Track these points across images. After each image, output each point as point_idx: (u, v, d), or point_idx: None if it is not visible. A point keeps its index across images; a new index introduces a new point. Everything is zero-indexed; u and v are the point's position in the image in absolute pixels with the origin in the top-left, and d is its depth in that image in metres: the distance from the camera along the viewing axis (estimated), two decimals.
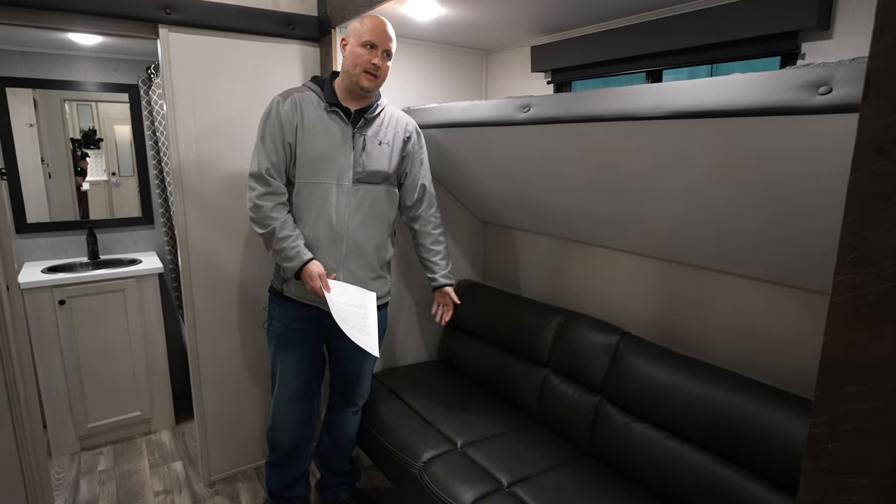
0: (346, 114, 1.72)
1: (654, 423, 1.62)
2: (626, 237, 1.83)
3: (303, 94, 1.72)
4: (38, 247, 2.76)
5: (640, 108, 1.20)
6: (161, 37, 1.93)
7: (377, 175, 1.77)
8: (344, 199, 1.72)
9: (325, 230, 1.72)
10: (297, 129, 1.68)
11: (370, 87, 1.69)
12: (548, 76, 2.16)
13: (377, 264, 1.84)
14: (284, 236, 1.66)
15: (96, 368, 2.56)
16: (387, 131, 1.80)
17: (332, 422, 2.03)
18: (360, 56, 1.65)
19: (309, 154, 1.69)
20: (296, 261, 1.65)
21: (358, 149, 1.73)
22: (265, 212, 1.66)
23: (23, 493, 1.96)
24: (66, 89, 2.78)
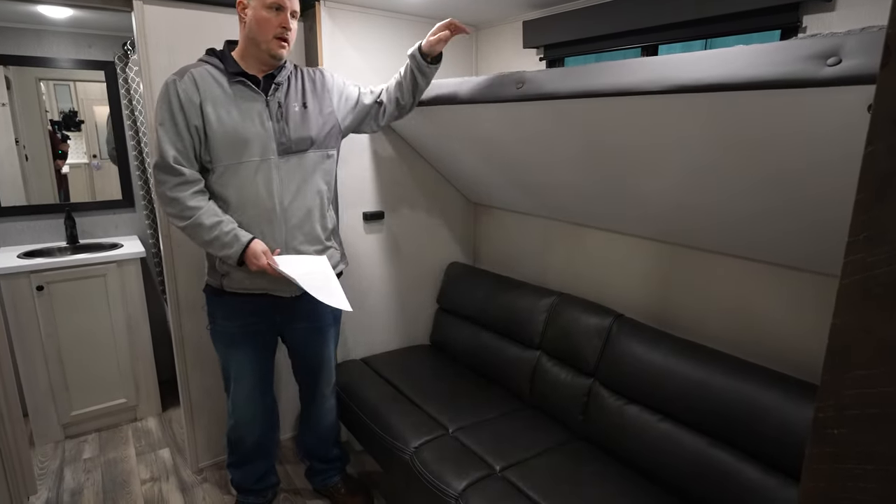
0: (255, 82, 1.57)
1: (648, 405, 1.60)
2: (621, 218, 1.79)
3: (200, 68, 1.54)
4: (15, 231, 2.67)
5: (638, 83, 1.15)
6: (135, 9, 1.84)
7: (304, 141, 1.62)
8: (273, 173, 1.58)
9: (258, 211, 1.58)
10: (201, 108, 1.51)
11: (284, 54, 1.54)
12: (540, 52, 2.10)
13: (322, 236, 1.71)
14: (214, 223, 1.51)
15: (79, 355, 2.50)
16: (300, 93, 1.65)
17: (307, 413, 1.98)
18: (268, 21, 1.49)
19: (221, 133, 1.53)
20: (235, 245, 1.51)
21: (276, 117, 1.58)
22: (183, 203, 1.51)
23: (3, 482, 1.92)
24: (38, 66, 2.66)
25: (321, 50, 2.04)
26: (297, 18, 1.55)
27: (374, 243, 2.35)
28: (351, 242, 2.28)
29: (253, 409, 1.84)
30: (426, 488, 1.59)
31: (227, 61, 1.57)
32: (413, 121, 2.08)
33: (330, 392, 1.95)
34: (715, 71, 1.01)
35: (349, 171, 2.21)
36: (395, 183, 2.35)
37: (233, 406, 1.83)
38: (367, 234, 2.33)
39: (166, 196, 1.52)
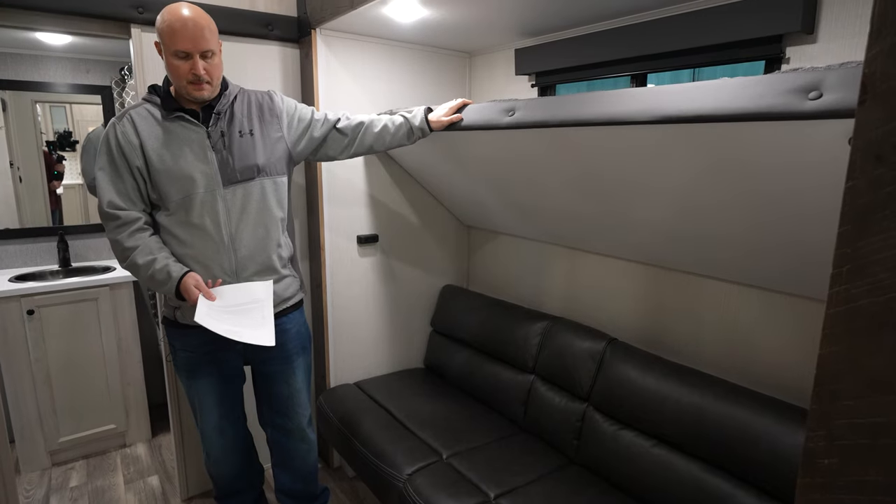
0: (193, 115, 1.54)
1: (643, 430, 1.60)
2: (614, 242, 1.81)
3: (137, 109, 1.53)
4: (7, 254, 2.66)
5: (627, 113, 1.17)
6: (133, 37, 1.87)
7: (250, 170, 1.58)
8: (219, 205, 1.54)
9: (209, 244, 1.55)
10: (141, 149, 1.49)
11: (201, 96, 1.49)
12: (532, 79, 2.14)
13: (277, 265, 1.66)
14: (147, 261, 1.48)
15: (68, 381, 2.46)
16: (245, 119, 1.60)
17: (285, 454, 1.84)
18: (178, 68, 1.44)
19: (164, 172, 1.50)
20: (169, 282, 1.47)
21: (219, 148, 1.55)
22: (122, 244, 1.49)
23: None
24: (36, 90, 2.68)
25: (316, 77, 2.07)
26: (215, 56, 1.48)
27: (367, 266, 2.36)
28: (344, 265, 2.28)
29: (223, 441, 1.76)
30: None
31: (166, 99, 1.53)
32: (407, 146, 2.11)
33: (307, 426, 1.83)
34: (701, 103, 1.03)
35: (343, 195, 2.23)
36: (388, 206, 2.37)
37: (203, 439, 1.76)
38: (361, 256, 2.33)
39: (109, 240, 1.52)
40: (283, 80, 2.16)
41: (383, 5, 1.72)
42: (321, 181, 2.15)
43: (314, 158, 1.81)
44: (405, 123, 1.75)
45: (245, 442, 1.86)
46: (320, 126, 1.73)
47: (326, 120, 1.74)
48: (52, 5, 1.72)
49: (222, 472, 1.82)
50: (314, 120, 1.73)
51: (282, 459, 1.85)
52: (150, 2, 1.85)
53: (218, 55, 1.50)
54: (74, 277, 2.53)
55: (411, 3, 1.69)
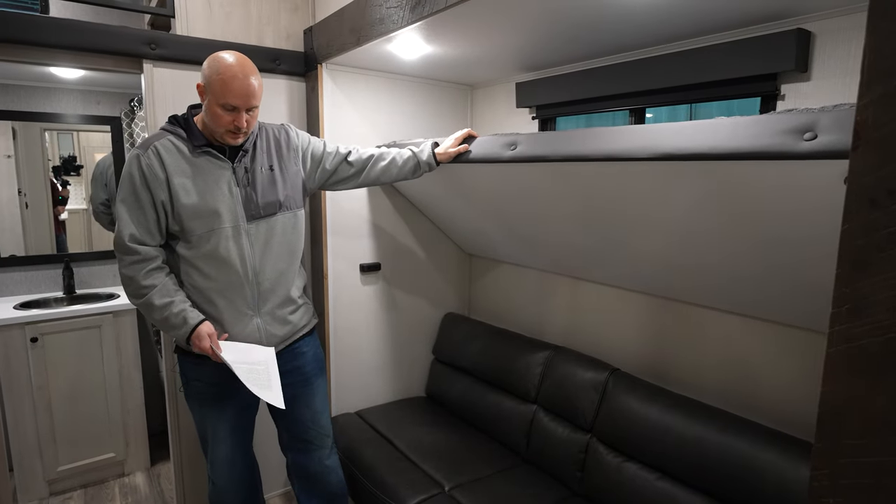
0: (221, 151, 1.56)
1: (646, 463, 1.59)
2: (615, 272, 1.82)
3: (163, 141, 1.52)
4: (12, 281, 2.68)
5: (626, 149, 1.20)
6: (145, 71, 1.92)
7: (271, 206, 1.61)
8: (243, 240, 1.57)
9: (231, 278, 1.56)
10: (167, 182, 1.49)
11: (235, 143, 1.53)
12: (532, 112, 2.19)
13: (295, 296, 1.70)
14: (164, 304, 1.48)
15: (69, 409, 2.45)
16: (266, 155, 1.64)
17: (311, 478, 1.82)
18: (221, 118, 1.47)
19: (190, 206, 1.50)
20: (183, 328, 1.48)
21: (243, 184, 1.58)
22: (137, 281, 1.48)
23: None
24: (47, 122, 2.74)
25: (322, 109, 2.12)
26: (257, 108, 1.52)
27: (370, 294, 2.37)
28: (347, 293, 2.29)
29: (233, 472, 1.75)
30: None
31: (192, 133, 1.54)
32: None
33: (326, 445, 1.83)
34: (699, 141, 1.06)
35: (346, 223, 2.25)
36: (391, 235, 2.39)
37: (212, 469, 1.75)
38: (364, 284, 2.35)
39: (122, 274, 1.50)
40: (289, 112, 2.21)
41: (388, 42, 1.77)
42: (325, 210, 2.18)
43: (323, 189, 1.85)
44: (412, 158, 1.79)
45: (253, 473, 1.84)
46: (332, 158, 1.78)
47: (338, 153, 1.79)
48: (69, 43, 1.77)
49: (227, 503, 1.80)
50: (326, 153, 1.77)
51: (308, 485, 1.82)
52: (161, 38, 1.91)
53: (259, 106, 1.52)
54: (79, 305, 2.55)
55: (415, 40, 1.74)
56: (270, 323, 1.64)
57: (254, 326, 1.61)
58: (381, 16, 1.66)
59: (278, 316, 1.65)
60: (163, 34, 1.94)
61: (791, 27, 1.35)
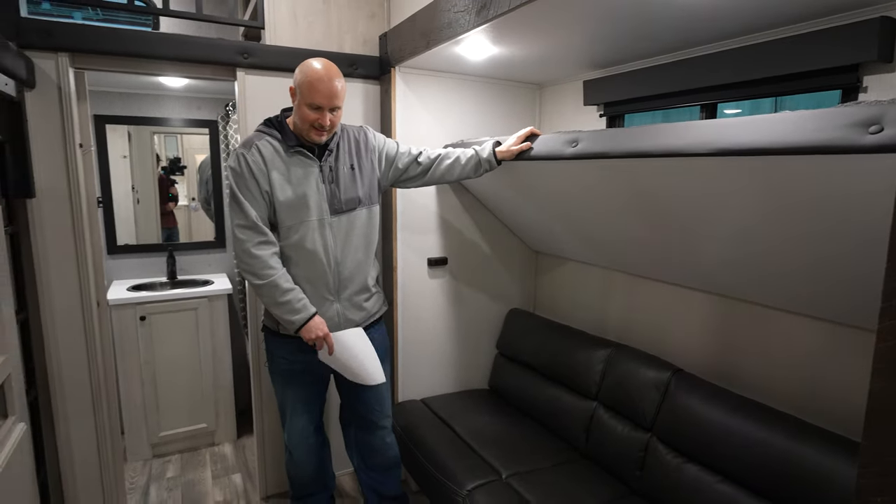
0: (310, 150, 1.73)
1: (708, 465, 1.56)
2: (679, 271, 1.79)
3: (263, 141, 1.70)
4: (126, 266, 3.04)
5: (687, 145, 1.20)
6: (238, 78, 2.13)
7: (352, 201, 1.78)
8: (327, 231, 1.73)
9: (315, 266, 1.73)
10: (268, 177, 1.67)
11: (320, 141, 1.70)
12: (600, 109, 2.18)
13: (370, 284, 1.86)
14: (288, 289, 1.66)
15: (169, 381, 2.76)
16: (348, 155, 1.80)
17: (366, 450, 2.00)
18: (308, 115, 1.64)
19: (285, 198, 1.69)
20: (303, 313, 1.66)
21: (328, 181, 1.74)
22: (264, 261, 1.64)
23: (100, 493, 2.14)
24: (156, 125, 3.08)
25: (394, 110, 2.23)
26: (340, 109, 1.69)
27: (436, 288, 2.46)
28: (415, 285, 2.40)
29: (306, 444, 1.94)
30: None
31: (286, 133, 1.72)
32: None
33: (387, 425, 1.98)
34: (760, 136, 1.05)
35: (415, 219, 2.36)
36: (459, 231, 2.47)
37: (289, 439, 1.94)
38: (431, 278, 2.44)
39: (250, 252, 1.64)
40: (364, 113, 2.35)
41: (456, 45, 1.84)
42: (396, 206, 2.30)
43: (394, 186, 2.00)
44: (474, 156, 1.88)
45: (325, 446, 2.02)
46: (404, 158, 1.92)
47: (409, 153, 1.93)
48: (175, 55, 2.00)
49: (302, 473, 1.98)
50: (399, 153, 1.92)
51: (367, 456, 1.99)
52: (252, 48, 2.11)
53: (342, 109, 1.70)
54: (180, 289, 2.85)
55: (481, 42, 1.81)
56: (348, 308, 1.80)
57: (334, 311, 1.77)
58: (449, 20, 1.74)
59: (355, 302, 1.81)
60: (253, 44, 2.14)
61: (874, 15, 1.28)
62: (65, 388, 1.98)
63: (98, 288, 2.11)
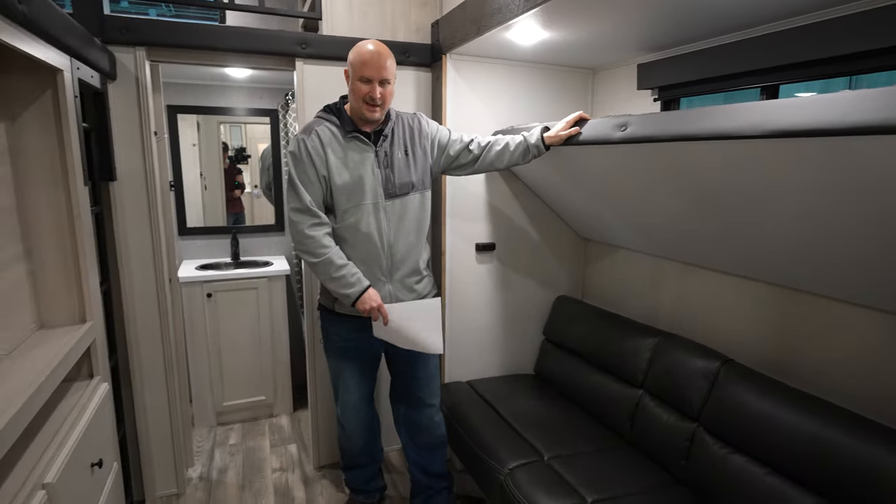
0: (366, 136, 1.80)
1: (755, 457, 1.52)
2: (733, 259, 1.74)
3: (322, 127, 1.78)
4: (194, 247, 3.25)
5: (740, 127, 1.17)
6: (297, 68, 2.23)
7: (405, 186, 1.84)
8: (381, 215, 1.80)
9: (369, 247, 1.80)
10: (326, 161, 1.75)
11: (373, 117, 1.75)
12: (654, 93, 2.13)
13: (421, 267, 1.92)
14: (342, 264, 1.74)
15: (233, 355, 2.95)
16: (401, 141, 1.86)
17: (413, 427, 2.06)
18: (360, 89, 1.71)
19: (341, 182, 1.76)
20: (357, 286, 1.74)
21: (383, 166, 1.81)
22: (318, 241, 1.73)
23: (171, 453, 2.33)
24: (222, 115, 3.26)
25: (445, 97, 2.27)
26: (389, 85, 1.75)
27: (484, 273, 2.50)
28: (463, 270, 2.45)
29: (358, 418, 2.04)
30: None
31: (344, 120, 1.80)
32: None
33: (435, 404, 2.05)
34: (814, 116, 1.01)
35: (464, 204, 2.40)
36: (507, 217, 2.49)
37: (341, 413, 2.05)
38: (479, 263, 2.48)
39: (304, 234, 1.74)
40: (415, 101, 2.40)
41: (506, 30, 1.85)
42: (445, 191, 2.34)
43: (445, 173, 2.05)
44: (523, 142, 1.89)
45: (374, 421, 2.13)
46: (456, 146, 1.97)
47: (461, 140, 1.97)
48: (239, 47, 2.12)
49: (352, 445, 2.09)
50: (451, 140, 1.97)
51: (414, 433, 2.07)
52: (310, 38, 2.20)
53: (392, 85, 1.78)
54: (242, 269, 3.03)
55: (532, 27, 1.81)
56: (400, 289, 1.87)
57: (386, 292, 1.85)
58: (499, 5, 1.75)
59: (406, 283, 1.88)
60: (311, 35, 2.23)
61: None
62: (141, 355, 2.17)
63: (170, 265, 2.29)
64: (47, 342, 1.38)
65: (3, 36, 1.06)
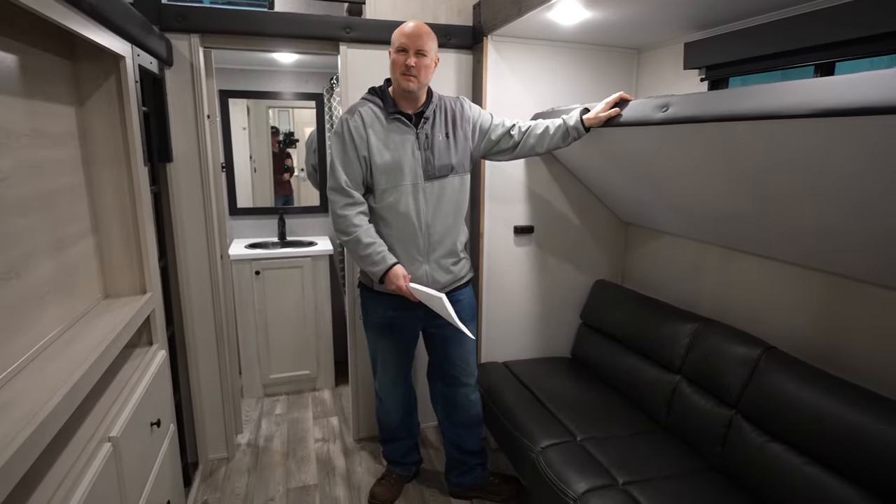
0: (408, 118, 1.84)
1: (794, 445, 1.49)
2: (778, 244, 1.69)
3: (365, 107, 1.83)
4: (243, 226, 3.40)
5: (784, 106, 1.14)
6: (342, 52, 2.28)
7: (445, 168, 1.86)
8: (420, 195, 1.84)
9: (407, 227, 1.84)
10: (367, 141, 1.80)
11: (410, 87, 1.78)
12: (701, 73, 2.06)
13: (458, 249, 1.95)
14: (368, 242, 1.79)
15: (279, 330, 3.08)
16: (443, 124, 1.88)
17: (449, 405, 2.12)
18: (396, 60, 1.77)
19: (381, 163, 1.80)
20: (381, 265, 1.78)
21: (423, 147, 1.84)
22: (349, 220, 1.80)
23: (221, 420, 2.47)
24: (270, 98, 3.37)
25: (486, 79, 2.27)
26: (426, 57, 1.78)
27: (522, 256, 2.51)
28: (500, 252, 2.47)
29: (395, 393, 2.11)
30: (548, 487, 1.68)
31: (387, 101, 1.85)
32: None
33: (470, 383, 2.08)
34: (865, 94, 0.97)
35: (502, 187, 2.40)
36: (546, 199, 2.49)
37: (379, 387, 2.13)
38: (517, 246, 2.49)
39: (336, 213, 1.82)
40: (456, 83, 2.42)
41: (548, 10, 1.84)
42: (483, 174, 2.36)
43: (485, 158, 2.07)
44: (562, 125, 1.87)
45: (411, 397, 2.20)
46: (498, 130, 1.98)
47: (503, 125, 1.98)
48: (286, 32, 2.19)
49: (390, 420, 2.17)
50: (493, 125, 1.98)
51: (450, 411, 2.13)
52: (355, 23, 2.24)
53: (429, 58, 1.81)
54: (288, 248, 3.15)
55: (573, 6, 1.78)
56: (436, 270, 1.91)
57: (423, 272, 1.89)
58: None
59: (443, 265, 1.92)
60: (355, 19, 2.27)
61: None
62: (195, 327, 2.31)
63: (221, 243, 2.41)
64: (112, 310, 1.50)
65: (72, 25, 1.15)
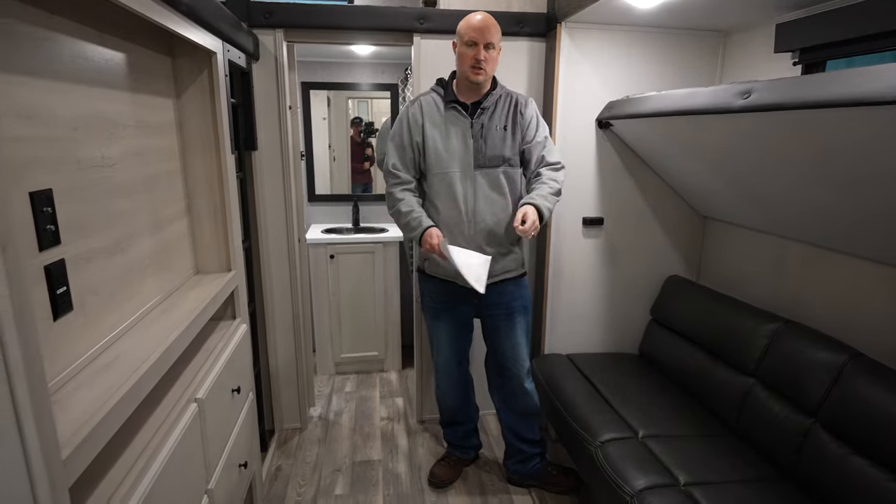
0: (464, 107, 1.89)
1: (879, 460, 1.38)
2: (872, 243, 1.55)
3: (427, 96, 1.95)
4: (320, 212, 3.58)
5: (873, 92, 1.04)
6: (415, 44, 2.33)
7: (496, 159, 1.91)
8: (468, 183, 1.90)
9: (455, 213, 1.91)
10: (423, 128, 1.90)
11: (477, 79, 1.84)
12: (794, 57, 1.91)
13: (506, 241, 1.97)
14: (407, 210, 1.89)
15: (350, 312, 3.23)
16: (502, 117, 1.92)
17: (504, 393, 2.15)
18: (465, 54, 1.82)
19: (434, 149, 1.89)
20: (418, 229, 1.86)
21: (476, 137, 1.89)
22: (394, 196, 1.93)
23: (296, 393, 2.64)
24: (349, 90, 3.50)
25: (558, 67, 2.24)
26: (493, 50, 1.84)
27: (590, 248, 2.46)
28: (568, 243, 2.44)
29: (449, 377, 2.17)
30: (606, 482, 1.67)
31: (447, 91, 1.94)
32: (638, 129, 2.14)
33: (522, 374, 2.08)
34: None
35: (570, 177, 2.35)
36: (617, 190, 2.42)
37: (436, 373, 2.20)
38: (585, 238, 2.45)
39: (387, 192, 1.97)
40: (528, 72, 2.40)
41: None
42: None
43: None
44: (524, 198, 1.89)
45: (467, 381, 2.24)
46: (535, 151, 1.97)
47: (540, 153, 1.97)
48: (363, 25, 2.27)
49: (447, 403, 2.22)
50: (535, 143, 1.98)
51: (507, 399, 2.17)
52: (428, 14, 2.28)
53: (496, 51, 1.86)
54: (361, 234, 3.28)
55: None
56: None
57: None
58: None
59: (489, 253, 1.93)
60: (429, 10, 2.31)
61: None
62: (274, 305, 2.48)
63: (300, 228, 2.56)
64: (201, 285, 1.65)
65: (170, 24, 1.27)
